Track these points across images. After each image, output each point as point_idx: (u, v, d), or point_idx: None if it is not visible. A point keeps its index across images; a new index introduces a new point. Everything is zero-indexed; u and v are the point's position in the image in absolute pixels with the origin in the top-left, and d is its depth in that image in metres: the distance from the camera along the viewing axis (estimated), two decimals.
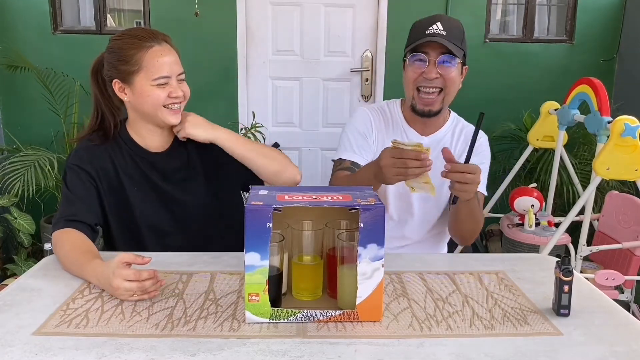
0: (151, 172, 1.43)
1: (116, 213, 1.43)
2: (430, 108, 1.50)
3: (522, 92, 3.60)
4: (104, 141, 1.42)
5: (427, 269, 1.26)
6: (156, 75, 1.33)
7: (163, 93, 1.34)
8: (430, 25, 1.47)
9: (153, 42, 1.34)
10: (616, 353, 0.90)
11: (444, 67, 1.46)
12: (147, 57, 1.33)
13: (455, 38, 1.46)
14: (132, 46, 1.33)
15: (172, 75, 1.35)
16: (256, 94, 3.58)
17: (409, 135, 1.58)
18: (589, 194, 2.32)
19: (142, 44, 1.33)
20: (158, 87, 1.34)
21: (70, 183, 1.38)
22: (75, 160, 1.40)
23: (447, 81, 1.48)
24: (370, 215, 0.94)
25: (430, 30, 1.47)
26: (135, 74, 1.33)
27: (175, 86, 1.36)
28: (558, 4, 3.70)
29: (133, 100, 1.37)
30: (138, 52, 1.33)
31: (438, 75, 1.46)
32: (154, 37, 1.35)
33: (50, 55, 3.36)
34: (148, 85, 1.33)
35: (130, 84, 1.35)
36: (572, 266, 1.02)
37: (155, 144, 1.45)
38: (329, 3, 3.49)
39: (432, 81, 1.47)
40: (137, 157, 1.43)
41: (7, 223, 3.10)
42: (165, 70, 1.34)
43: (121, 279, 1.05)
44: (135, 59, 1.32)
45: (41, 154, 3.01)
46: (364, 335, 0.95)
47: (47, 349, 0.88)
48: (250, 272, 0.95)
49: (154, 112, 1.36)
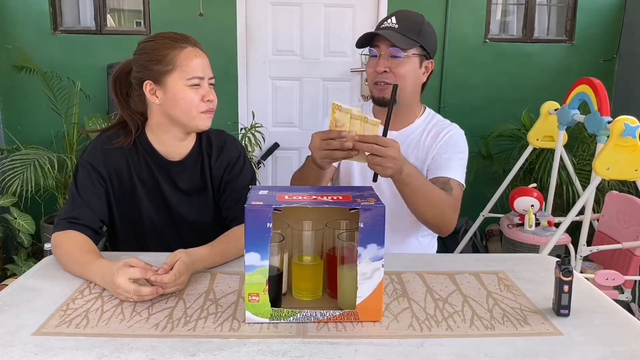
0: (163, 179, 1.42)
1: (123, 214, 1.43)
2: (383, 95, 1.50)
3: (522, 92, 3.60)
4: (123, 144, 1.40)
5: (427, 269, 1.26)
6: (191, 75, 1.31)
7: (197, 95, 1.32)
8: (386, 20, 1.50)
9: (186, 44, 1.33)
10: (616, 353, 0.90)
11: (393, 61, 1.47)
12: (181, 57, 1.31)
13: (408, 30, 1.46)
14: (166, 46, 1.32)
15: (205, 77, 1.34)
16: (256, 94, 3.58)
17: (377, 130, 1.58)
18: (589, 194, 2.32)
19: (175, 44, 1.32)
20: (191, 88, 1.32)
21: (80, 182, 1.37)
22: (89, 158, 1.38)
23: (396, 76, 1.48)
24: (370, 215, 0.94)
25: (384, 25, 1.49)
26: (168, 73, 1.31)
27: (207, 89, 1.35)
28: (558, 4, 3.71)
29: (164, 103, 1.34)
30: (172, 51, 1.31)
31: (387, 69, 1.47)
32: (187, 40, 1.34)
33: (50, 56, 3.37)
34: (181, 85, 1.31)
35: (162, 85, 1.32)
36: (572, 266, 1.02)
37: (174, 151, 1.42)
38: (329, 3, 3.49)
39: (382, 75, 1.48)
40: (152, 163, 1.41)
41: (7, 223, 3.10)
42: (199, 70, 1.32)
43: (125, 277, 1.05)
44: (169, 58, 1.31)
45: (41, 154, 3.00)
46: (364, 335, 0.95)
47: (47, 349, 0.88)
48: (250, 272, 0.95)
49: (187, 115, 1.34)
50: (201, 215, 1.45)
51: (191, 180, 1.44)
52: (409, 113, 1.59)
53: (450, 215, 1.44)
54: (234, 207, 1.40)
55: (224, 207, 1.44)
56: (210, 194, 1.45)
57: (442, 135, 1.56)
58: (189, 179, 1.44)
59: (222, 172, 1.44)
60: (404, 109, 1.56)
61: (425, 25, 1.51)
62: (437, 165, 1.53)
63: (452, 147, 1.54)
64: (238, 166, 1.45)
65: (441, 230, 1.49)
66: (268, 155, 3.59)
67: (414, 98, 1.58)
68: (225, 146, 1.46)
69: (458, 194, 1.49)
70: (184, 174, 1.43)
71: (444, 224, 1.45)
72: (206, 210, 1.46)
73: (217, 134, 1.48)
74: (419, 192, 1.37)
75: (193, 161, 1.44)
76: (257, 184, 1.65)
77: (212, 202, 1.46)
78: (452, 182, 1.48)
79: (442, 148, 1.54)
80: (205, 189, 1.45)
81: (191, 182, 1.44)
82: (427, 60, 1.54)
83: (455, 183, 1.49)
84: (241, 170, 1.45)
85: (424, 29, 1.50)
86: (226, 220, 1.43)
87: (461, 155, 1.55)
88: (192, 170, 1.44)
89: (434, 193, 1.41)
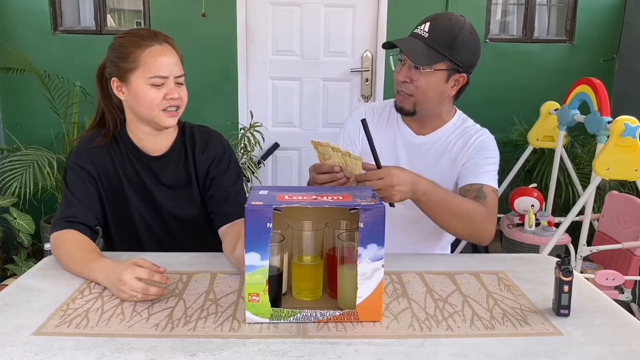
0: (145, 175, 1.42)
1: (115, 213, 1.43)
2: (402, 105, 1.47)
3: (522, 92, 3.60)
4: (104, 141, 1.41)
5: (427, 269, 1.26)
6: (152, 74, 1.30)
7: (158, 94, 1.31)
8: (420, 25, 1.42)
9: (153, 42, 1.32)
10: (616, 353, 0.90)
11: (415, 72, 1.40)
12: (144, 55, 1.30)
13: (438, 43, 1.38)
14: (132, 44, 1.32)
15: (170, 76, 1.32)
16: (256, 94, 3.58)
17: (402, 133, 1.55)
18: (589, 194, 2.32)
19: (141, 42, 1.32)
20: (153, 87, 1.31)
21: (71, 182, 1.38)
22: (76, 159, 1.40)
23: (416, 88, 1.42)
24: (370, 215, 0.94)
25: (416, 30, 1.43)
26: (132, 71, 1.31)
27: (172, 87, 1.33)
28: (558, 4, 3.70)
29: (129, 100, 1.35)
30: (137, 49, 1.31)
31: (407, 79, 1.42)
32: (155, 37, 1.33)
33: (50, 56, 3.36)
34: (143, 84, 1.31)
35: (127, 82, 1.33)
36: (572, 266, 1.02)
37: (152, 146, 1.42)
38: (329, 3, 3.49)
39: (402, 85, 1.44)
40: (134, 158, 1.42)
41: (7, 223, 3.10)
42: (163, 69, 1.31)
43: (132, 275, 1.05)
44: (133, 56, 1.31)
45: (41, 154, 3.00)
46: (364, 335, 0.95)
47: (47, 349, 0.88)
48: (250, 272, 0.95)
49: (149, 114, 1.34)
50: (188, 210, 1.45)
51: (175, 175, 1.44)
52: (436, 119, 1.52)
53: (483, 224, 1.37)
54: (222, 203, 1.40)
55: (210, 203, 1.43)
56: (196, 188, 1.45)
57: (472, 142, 1.49)
58: (172, 173, 1.44)
59: (207, 166, 1.43)
60: (428, 117, 1.51)
61: (461, 37, 1.39)
62: (468, 172, 1.47)
63: (483, 152, 1.48)
64: (224, 162, 1.44)
65: (478, 240, 1.42)
66: (268, 155, 3.58)
67: (438, 109, 1.50)
68: (210, 141, 1.45)
69: (493, 200, 1.42)
70: (167, 169, 1.43)
71: (479, 234, 1.39)
72: (192, 204, 1.45)
73: (201, 129, 1.48)
74: (441, 207, 1.31)
75: (176, 156, 1.44)
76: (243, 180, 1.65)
77: (197, 197, 1.46)
78: (485, 188, 1.42)
79: (472, 154, 1.48)
80: (190, 183, 1.45)
81: (175, 177, 1.44)
82: (459, 74, 1.43)
83: (489, 189, 1.42)
84: (228, 166, 1.45)
85: (459, 41, 1.38)
86: (212, 214, 1.43)
87: (492, 160, 1.49)
88: (175, 164, 1.44)
89: (460, 205, 1.35)
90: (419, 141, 1.54)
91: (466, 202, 1.37)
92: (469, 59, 1.43)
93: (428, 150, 1.53)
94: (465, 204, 1.36)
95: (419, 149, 1.54)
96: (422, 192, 1.27)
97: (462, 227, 1.37)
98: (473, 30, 1.43)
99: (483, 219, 1.37)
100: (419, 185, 1.26)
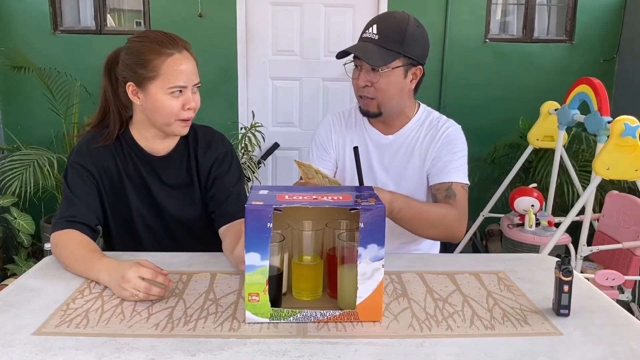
0: (148, 175, 1.42)
1: (116, 212, 1.43)
2: (367, 109, 1.49)
3: (522, 92, 3.60)
4: (107, 142, 1.40)
5: (427, 269, 1.26)
6: (173, 84, 1.28)
7: (177, 103, 1.30)
8: (368, 29, 1.44)
9: (173, 50, 1.29)
10: (616, 353, 0.90)
11: (374, 75, 1.42)
12: (165, 65, 1.28)
13: (389, 41, 1.39)
14: (152, 51, 1.28)
15: (189, 85, 1.31)
16: (256, 94, 3.58)
17: (371, 136, 1.57)
18: (589, 194, 2.32)
19: (162, 50, 1.28)
20: (172, 96, 1.29)
21: (71, 182, 1.37)
22: (77, 158, 1.39)
23: (377, 90, 1.44)
24: (370, 215, 0.94)
25: (365, 34, 1.44)
26: (151, 80, 1.29)
27: (189, 97, 1.31)
28: (558, 4, 3.71)
29: (145, 106, 1.33)
30: (157, 57, 1.28)
31: (367, 83, 1.43)
32: (175, 44, 1.30)
33: (50, 56, 3.37)
34: (162, 93, 1.29)
35: (144, 90, 1.31)
36: (572, 266, 1.02)
37: (158, 147, 1.42)
38: (329, 3, 3.49)
39: (363, 89, 1.45)
40: (137, 158, 1.42)
41: (7, 223, 3.11)
42: (182, 79, 1.29)
43: (136, 274, 1.05)
44: (153, 64, 1.28)
45: (41, 154, 3.00)
46: (364, 335, 0.95)
47: (47, 349, 0.88)
48: (250, 272, 0.95)
49: (166, 122, 1.33)
50: (188, 211, 1.45)
51: (177, 175, 1.44)
52: (400, 117, 1.54)
53: (456, 227, 1.43)
54: (223, 203, 1.40)
55: (211, 202, 1.43)
56: (197, 189, 1.45)
57: (439, 136, 1.51)
58: (174, 173, 1.44)
59: (209, 167, 1.43)
60: (393, 116, 1.53)
61: (409, 32, 1.41)
62: (437, 169, 1.50)
63: (451, 147, 1.50)
64: (226, 162, 1.44)
65: (450, 240, 1.49)
66: (268, 155, 3.59)
67: (401, 105, 1.52)
68: (213, 141, 1.45)
69: (463, 198, 1.46)
70: (170, 169, 1.43)
71: (452, 237, 1.45)
72: (193, 205, 1.45)
73: (204, 129, 1.48)
74: (416, 221, 1.38)
75: (179, 156, 1.44)
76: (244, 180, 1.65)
77: (199, 197, 1.45)
78: (454, 186, 1.46)
79: (440, 150, 1.50)
80: (192, 184, 1.45)
81: (177, 177, 1.44)
82: (415, 68, 1.45)
83: (458, 187, 1.46)
84: (230, 166, 1.44)
85: (408, 36, 1.40)
86: (212, 214, 1.42)
87: (461, 154, 1.51)
88: (178, 165, 1.44)
89: (434, 214, 1.41)
90: (388, 141, 1.56)
91: (438, 209, 1.43)
92: (421, 50, 1.45)
93: (398, 149, 1.56)
94: (437, 211, 1.42)
95: (389, 149, 1.56)
96: (397, 210, 1.32)
97: (436, 233, 1.45)
98: (418, 23, 1.46)
99: (455, 222, 1.43)
100: (394, 203, 1.32)
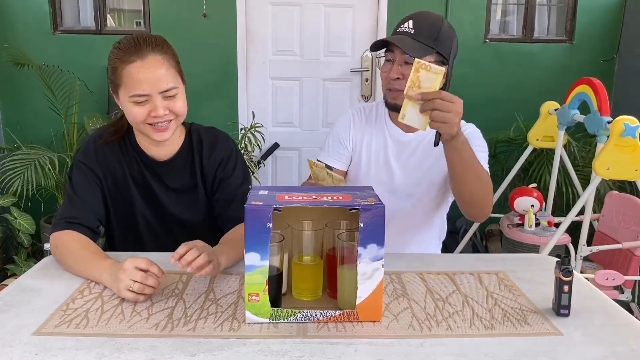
0: (152, 179, 1.41)
1: (119, 213, 1.43)
2: (395, 102, 1.47)
3: (522, 92, 3.60)
4: (112, 137, 1.39)
5: (427, 269, 1.26)
6: (132, 92, 1.24)
7: (142, 110, 1.26)
8: (403, 24, 1.45)
9: (135, 57, 1.23)
10: (616, 353, 0.90)
11: (407, 68, 1.41)
12: (125, 73, 1.24)
13: (425, 36, 1.41)
14: (117, 58, 1.26)
15: (153, 93, 1.24)
16: (256, 94, 3.58)
17: (391, 132, 1.57)
18: (589, 194, 2.32)
19: (124, 57, 1.24)
20: (135, 104, 1.26)
21: (75, 181, 1.37)
22: (83, 158, 1.38)
23: None
24: (370, 215, 0.94)
25: (400, 28, 1.45)
26: (119, 87, 1.27)
27: (156, 104, 1.25)
28: (558, 4, 3.70)
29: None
30: (120, 65, 1.25)
31: (400, 75, 1.43)
32: (138, 51, 1.24)
33: (50, 56, 3.36)
34: (127, 101, 1.27)
35: (117, 95, 1.31)
36: (572, 266, 1.02)
37: (159, 151, 1.40)
38: (329, 3, 3.49)
39: (394, 82, 1.45)
40: (142, 162, 1.41)
41: (7, 223, 3.10)
42: (142, 87, 1.23)
43: (132, 264, 1.07)
44: (118, 72, 1.25)
45: (41, 153, 3.00)
46: (364, 335, 0.95)
47: (47, 349, 0.88)
48: (250, 272, 0.95)
49: (138, 129, 1.33)
50: (193, 214, 1.44)
51: (181, 179, 1.43)
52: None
53: (491, 197, 1.40)
54: (228, 206, 1.39)
55: (217, 205, 1.42)
56: (202, 192, 1.44)
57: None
58: (178, 177, 1.43)
59: (215, 169, 1.42)
60: None
61: (444, 30, 1.44)
62: None
63: (472, 141, 1.45)
64: (231, 163, 1.43)
65: (482, 213, 1.42)
66: (268, 155, 3.58)
67: None
68: (217, 143, 1.43)
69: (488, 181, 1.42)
70: (173, 173, 1.42)
71: (486, 205, 1.39)
72: (197, 209, 1.44)
73: (208, 131, 1.46)
74: (469, 164, 1.31)
75: (182, 160, 1.42)
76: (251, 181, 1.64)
77: (204, 201, 1.44)
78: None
79: None
80: (196, 188, 1.43)
81: (181, 181, 1.43)
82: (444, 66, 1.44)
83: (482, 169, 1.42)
84: (234, 167, 1.43)
85: (442, 34, 1.43)
86: (218, 218, 1.42)
87: (481, 149, 1.50)
88: (181, 169, 1.43)
89: (482, 169, 1.37)
90: (408, 138, 1.57)
91: (485, 170, 1.39)
92: (452, 51, 1.46)
93: (416, 148, 1.57)
94: (485, 171, 1.38)
95: (408, 146, 1.57)
96: (462, 141, 1.27)
97: (478, 192, 1.36)
98: (451, 26, 1.48)
99: (490, 192, 1.39)
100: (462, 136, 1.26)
